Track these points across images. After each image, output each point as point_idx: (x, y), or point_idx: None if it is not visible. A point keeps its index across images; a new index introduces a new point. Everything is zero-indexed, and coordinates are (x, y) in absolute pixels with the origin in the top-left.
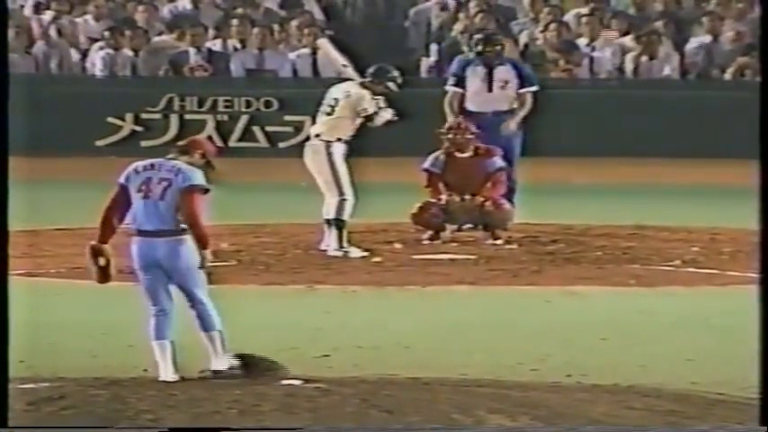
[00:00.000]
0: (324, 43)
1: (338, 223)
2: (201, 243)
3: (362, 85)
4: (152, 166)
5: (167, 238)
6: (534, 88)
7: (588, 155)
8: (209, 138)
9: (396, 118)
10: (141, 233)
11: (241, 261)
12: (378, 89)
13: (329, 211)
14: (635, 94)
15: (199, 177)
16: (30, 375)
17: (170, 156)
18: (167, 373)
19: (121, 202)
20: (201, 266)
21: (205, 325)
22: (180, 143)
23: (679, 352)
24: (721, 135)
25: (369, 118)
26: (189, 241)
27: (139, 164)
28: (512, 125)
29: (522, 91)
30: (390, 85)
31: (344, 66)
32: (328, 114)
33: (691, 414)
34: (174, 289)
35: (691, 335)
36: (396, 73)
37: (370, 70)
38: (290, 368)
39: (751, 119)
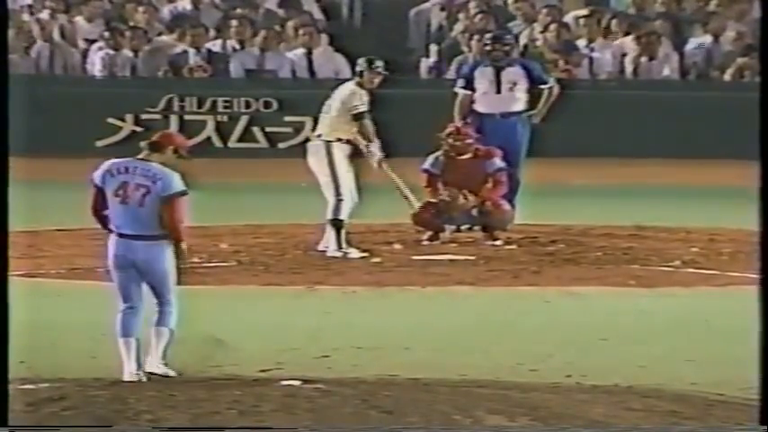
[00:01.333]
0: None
1: (336, 224)
2: (176, 242)
3: (360, 84)
4: (126, 169)
5: (147, 241)
6: (550, 84)
7: (588, 155)
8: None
9: (381, 155)
10: (120, 235)
11: (241, 261)
12: (372, 80)
13: (328, 212)
14: (634, 95)
15: (177, 183)
16: (30, 376)
17: (141, 156)
18: (131, 371)
19: (102, 201)
20: (178, 263)
21: (161, 320)
22: (151, 139)
23: (678, 353)
24: (720, 136)
25: (358, 116)
26: (165, 245)
27: (113, 166)
28: (542, 113)
29: (542, 87)
30: (380, 69)
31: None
32: (327, 114)
33: (690, 415)
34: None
35: (690, 335)
36: (381, 63)
37: (361, 64)
38: (290, 369)
39: (750, 120)
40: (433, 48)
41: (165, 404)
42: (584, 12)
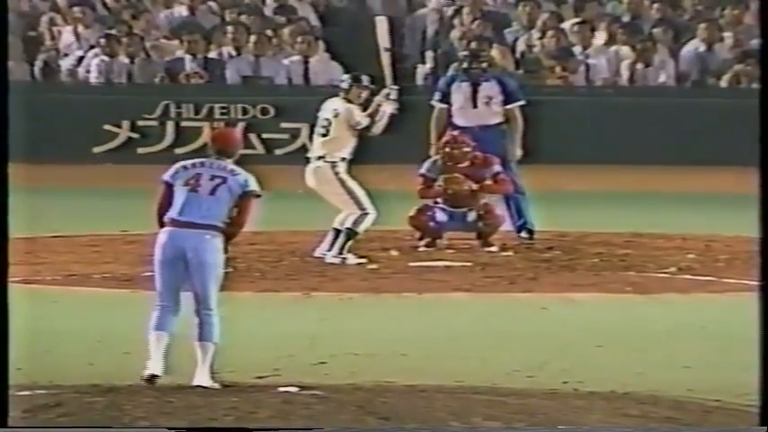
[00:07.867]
0: (382, 21)
1: (350, 233)
2: (230, 238)
3: (347, 100)
4: (202, 164)
5: (199, 230)
6: (520, 103)
7: (584, 162)
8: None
9: (396, 109)
10: (174, 223)
11: (237, 268)
12: (359, 95)
13: (345, 221)
14: (631, 102)
15: (254, 183)
16: (26, 383)
17: (212, 157)
18: (155, 367)
19: (170, 198)
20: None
21: (204, 334)
22: (216, 146)
23: (675, 359)
24: (716, 142)
25: (367, 128)
26: (218, 239)
27: (187, 162)
28: (517, 152)
29: (508, 107)
30: (366, 83)
31: (386, 49)
32: (324, 135)
33: (687, 421)
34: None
35: (687, 342)
36: (366, 77)
37: (347, 80)
38: (287, 375)
39: (745, 127)
40: (429, 54)
41: (161, 411)
42: (581, 18)
